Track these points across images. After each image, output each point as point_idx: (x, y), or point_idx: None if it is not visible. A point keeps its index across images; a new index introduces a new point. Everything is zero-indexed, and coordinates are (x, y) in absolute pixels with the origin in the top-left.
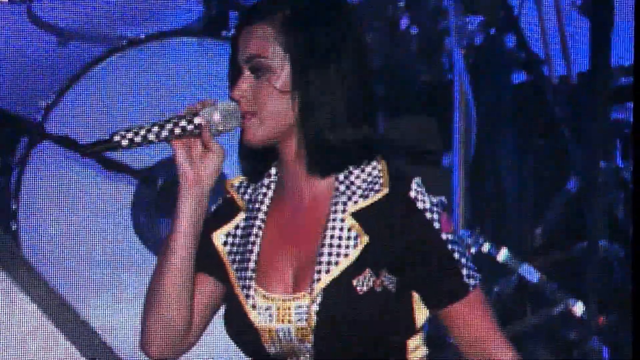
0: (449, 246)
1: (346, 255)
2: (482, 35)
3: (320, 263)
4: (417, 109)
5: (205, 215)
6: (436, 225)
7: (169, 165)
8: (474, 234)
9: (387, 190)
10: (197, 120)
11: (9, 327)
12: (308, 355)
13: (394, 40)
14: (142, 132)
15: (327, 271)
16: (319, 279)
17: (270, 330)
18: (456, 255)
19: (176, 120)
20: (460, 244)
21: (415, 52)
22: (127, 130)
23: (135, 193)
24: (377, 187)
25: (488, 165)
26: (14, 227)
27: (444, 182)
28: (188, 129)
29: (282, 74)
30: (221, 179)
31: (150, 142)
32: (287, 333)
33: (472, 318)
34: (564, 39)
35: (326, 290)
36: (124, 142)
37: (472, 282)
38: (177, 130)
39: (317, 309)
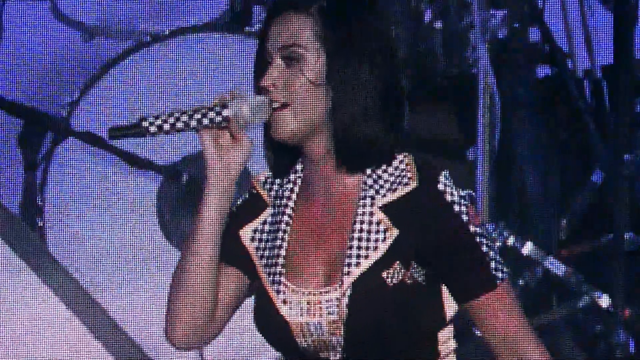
0: (477, 239)
1: (376, 248)
2: (506, 29)
3: (350, 256)
4: (441, 103)
5: (230, 207)
6: (464, 217)
7: (193, 162)
8: (499, 227)
9: (416, 184)
10: (225, 112)
11: (35, 323)
12: (339, 349)
13: (418, 34)
14: (171, 120)
15: (357, 264)
16: (348, 273)
17: (301, 325)
18: (484, 248)
19: (205, 111)
20: (488, 236)
21: (439, 46)
22: (156, 117)
23: (160, 189)
24: (405, 180)
25: (512, 159)
26: (40, 224)
27: (468, 175)
28: (216, 121)
29: (316, 65)
30: (245, 174)
31: (178, 130)
32: (318, 327)
33: (500, 311)
34: (588, 33)
35: (356, 284)
36: (152, 129)
37: (500, 275)
38: (205, 121)
39: (348, 302)
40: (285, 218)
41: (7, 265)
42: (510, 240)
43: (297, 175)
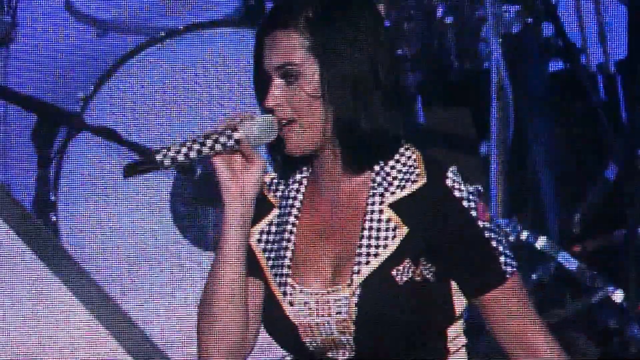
0: (486, 234)
1: (385, 246)
2: (519, 24)
3: (359, 255)
4: (454, 98)
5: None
6: (473, 213)
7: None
8: (512, 222)
9: (425, 180)
10: (236, 136)
11: (49, 318)
12: (349, 347)
13: (430, 29)
14: (184, 151)
15: (367, 263)
16: (358, 271)
17: (310, 325)
18: (493, 243)
19: (216, 137)
20: (497, 231)
21: (452, 41)
22: (168, 149)
23: (174, 183)
24: (413, 177)
25: (525, 154)
26: (53, 219)
27: (481, 170)
28: (228, 145)
29: (314, 78)
30: None
31: (192, 159)
32: (327, 326)
33: (511, 305)
34: (602, 27)
35: (366, 282)
36: (167, 162)
37: (509, 269)
38: (218, 147)
39: (357, 300)
40: (292, 219)
41: (21, 260)
42: (524, 235)
43: (303, 175)
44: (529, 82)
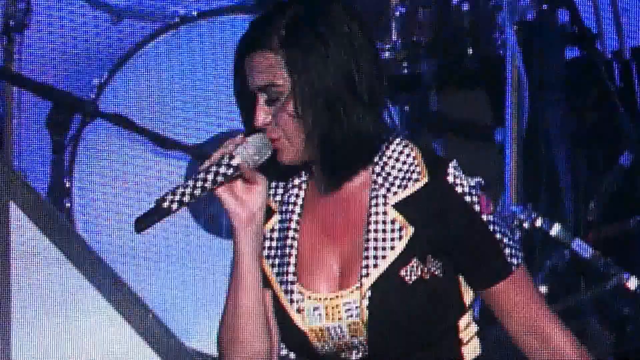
0: (491, 227)
1: (392, 247)
2: (534, 11)
3: (367, 258)
4: (469, 85)
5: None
6: (476, 207)
7: (220, 141)
8: (527, 209)
9: (427, 179)
10: (235, 162)
11: (62, 304)
12: (362, 348)
13: (445, 16)
14: (188, 191)
15: (375, 265)
16: (367, 274)
17: (321, 330)
18: (498, 236)
19: (215, 169)
20: (501, 223)
21: (467, 28)
22: (173, 194)
23: (188, 169)
24: (415, 175)
25: (540, 141)
26: (67, 205)
27: (496, 157)
28: (229, 174)
29: (290, 98)
30: None
31: (198, 197)
32: (338, 330)
33: (518, 296)
34: (617, 14)
35: (375, 284)
36: (174, 206)
37: (515, 261)
38: (220, 178)
39: (368, 303)
40: (293, 224)
41: (35, 247)
42: (538, 222)
43: (302, 179)
44: (544, 69)
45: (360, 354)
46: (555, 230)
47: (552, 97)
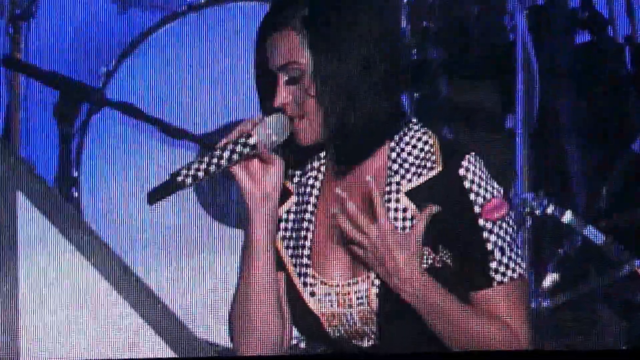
0: (485, 234)
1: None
2: None
3: None
4: (479, 71)
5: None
6: (476, 209)
7: (228, 130)
8: (538, 196)
9: (440, 168)
10: (252, 141)
11: (71, 294)
12: (373, 336)
13: (455, 2)
14: (203, 167)
15: None
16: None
17: (333, 315)
18: (489, 246)
19: (232, 147)
20: (501, 234)
21: (477, 13)
22: (188, 168)
23: (196, 158)
24: (429, 164)
25: (551, 127)
26: (75, 194)
27: (507, 144)
28: (245, 153)
29: (310, 78)
30: None
31: (213, 174)
32: (350, 317)
33: (497, 309)
34: None
35: None
36: (189, 180)
37: (498, 277)
38: (235, 157)
39: (377, 291)
40: (310, 207)
41: (42, 237)
42: (550, 209)
43: (321, 162)
44: (555, 55)
45: (372, 341)
46: (567, 217)
47: (563, 83)
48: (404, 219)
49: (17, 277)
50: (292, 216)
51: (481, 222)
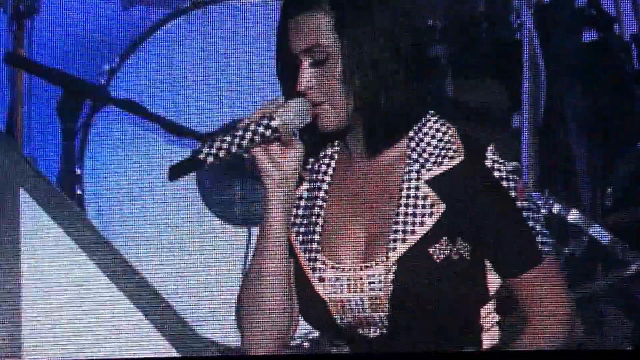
0: (524, 214)
1: (422, 223)
2: None
3: (395, 232)
4: (485, 69)
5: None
6: (512, 193)
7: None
8: (544, 194)
9: (462, 157)
10: (274, 124)
11: (74, 293)
12: (381, 325)
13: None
14: (225, 147)
15: (403, 240)
16: (394, 248)
17: (341, 301)
18: (530, 223)
19: (254, 128)
20: (535, 209)
21: (483, 11)
22: (210, 147)
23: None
24: (450, 153)
25: (557, 126)
26: (78, 192)
27: (513, 143)
28: (267, 135)
29: (339, 62)
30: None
31: (234, 154)
32: (360, 304)
33: (546, 286)
34: None
35: (402, 259)
36: (210, 159)
37: (545, 248)
38: (257, 139)
39: (393, 278)
40: (322, 193)
41: (46, 235)
42: (556, 208)
43: (334, 150)
44: (562, 53)
45: (379, 331)
46: (573, 216)
47: (569, 81)
48: (423, 206)
49: (20, 275)
50: (303, 202)
51: (519, 204)
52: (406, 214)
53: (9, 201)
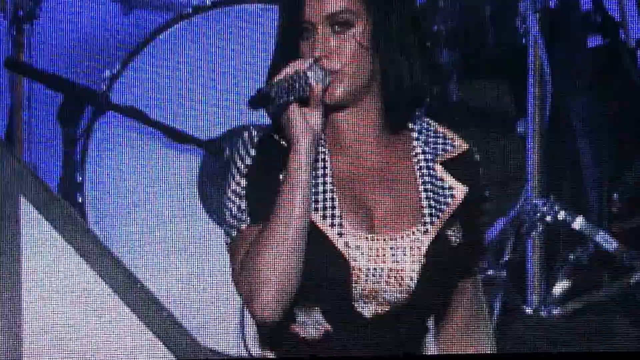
0: (483, 219)
1: (446, 204)
2: None
3: (423, 215)
4: (491, 75)
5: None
6: (487, 193)
7: (235, 136)
8: (549, 201)
9: (466, 146)
10: (310, 81)
11: (74, 300)
12: (384, 302)
13: (467, 4)
14: (285, 91)
15: (432, 223)
16: (425, 231)
17: (361, 269)
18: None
19: (292, 82)
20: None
21: (489, 16)
22: (271, 87)
23: (202, 164)
24: (456, 142)
25: (563, 131)
26: (79, 199)
27: (518, 148)
28: (302, 91)
29: (366, 29)
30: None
31: (287, 102)
32: (377, 274)
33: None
34: None
35: (433, 243)
36: (272, 93)
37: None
38: (294, 94)
39: (421, 257)
40: (321, 163)
41: (46, 242)
42: (561, 215)
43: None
44: (567, 58)
45: (380, 309)
46: (579, 223)
47: (575, 86)
48: (442, 188)
49: (20, 282)
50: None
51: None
52: (429, 198)
53: (9, 208)
